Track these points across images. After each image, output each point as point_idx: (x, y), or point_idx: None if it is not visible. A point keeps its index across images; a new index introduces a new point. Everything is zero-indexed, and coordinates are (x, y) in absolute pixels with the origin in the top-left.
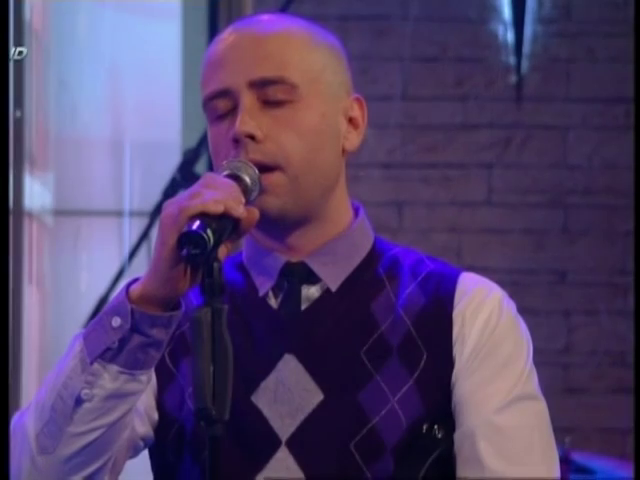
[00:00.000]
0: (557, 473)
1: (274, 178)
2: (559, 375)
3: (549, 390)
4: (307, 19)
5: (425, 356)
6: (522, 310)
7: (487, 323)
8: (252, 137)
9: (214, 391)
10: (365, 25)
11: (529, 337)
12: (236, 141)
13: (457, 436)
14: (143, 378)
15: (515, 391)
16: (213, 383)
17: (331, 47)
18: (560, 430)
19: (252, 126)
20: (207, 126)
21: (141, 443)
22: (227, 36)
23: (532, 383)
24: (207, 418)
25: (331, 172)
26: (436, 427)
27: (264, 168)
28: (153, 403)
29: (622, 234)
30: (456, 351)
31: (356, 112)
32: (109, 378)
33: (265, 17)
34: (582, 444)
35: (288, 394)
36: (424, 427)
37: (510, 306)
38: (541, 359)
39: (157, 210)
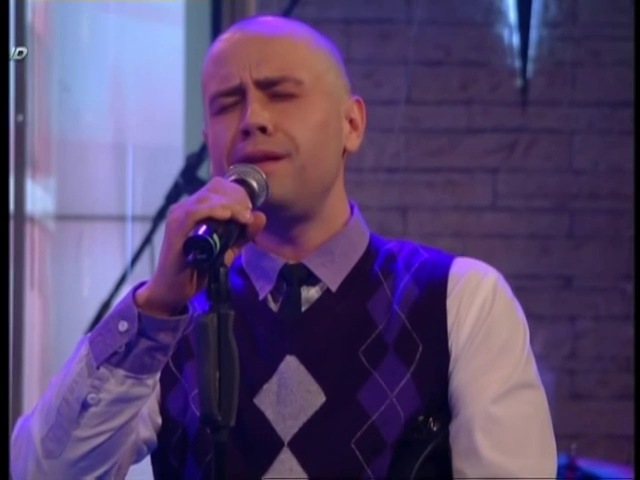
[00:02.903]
0: (554, 464)
1: (280, 166)
2: (565, 381)
3: (555, 396)
4: (310, 22)
5: (421, 348)
6: (527, 316)
7: (482, 309)
8: (263, 129)
9: (220, 397)
10: (369, 29)
11: (526, 321)
12: (246, 133)
13: (453, 426)
14: (149, 382)
15: (512, 379)
16: (219, 389)
17: (331, 51)
18: (566, 436)
19: (263, 117)
20: (206, 121)
21: (145, 448)
22: (232, 35)
23: (530, 370)
24: (213, 424)
25: (333, 169)
26: (431, 420)
27: (272, 157)
28: (156, 407)
29: (628, 239)
30: (452, 341)
31: (356, 114)
32: (115, 382)
33: (269, 18)
34: (588, 451)
35: (290, 396)
36: (419, 418)
37: (505, 289)
38: (547, 365)
39: (160, 215)
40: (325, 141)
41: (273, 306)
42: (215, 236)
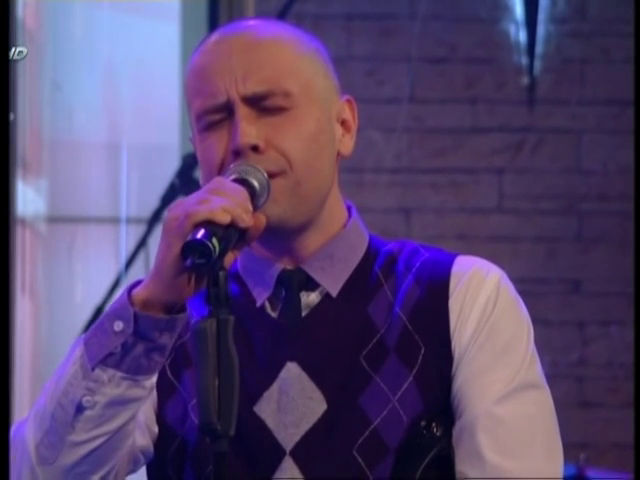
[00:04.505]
0: (560, 467)
1: (274, 184)
2: (573, 389)
3: (563, 404)
4: (310, 19)
5: (423, 350)
6: (534, 321)
7: (485, 307)
8: (254, 148)
9: (219, 405)
10: (371, 25)
11: (530, 320)
12: (237, 153)
13: (456, 428)
14: (146, 384)
15: (516, 379)
16: (218, 397)
17: (318, 52)
18: (574, 446)
19: (254, 136)
20: (193, 135)
21: (141, 456)
22: (214, 45)
23: (535, 370)
24: (212, 433)
25: (328, 178)
26: (434, 424)
27: (267, 175)
28: (153, 416)
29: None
30: (455, 342)
31: (348, 114)
32: (111, 384)
33: (251, 22)
34: (597, 460)
35: (292, 403)
36: (422, 423)
37: (508, 287)
38: (554, 372)
39: (155, 217)
40: (319, 152)
41: (271, 312)
42: (214, 240)
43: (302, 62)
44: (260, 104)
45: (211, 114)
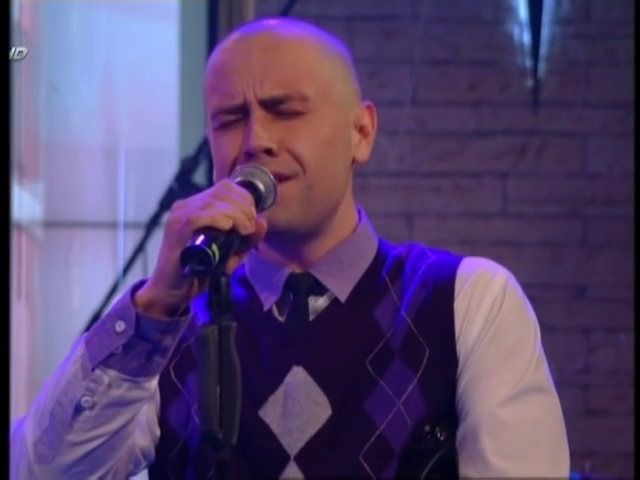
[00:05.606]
0: (565, 472)
1: (286, 187)
2: (578, 396)
3: (568, 412)
4: (311, 20)
5: (427, 352)
6: (539, 327)
7: (491, 309)
8: (268, 151)
9: (221, 413)
10: (373, 26)
11: (537, 323)
12: (250, 155)
13: (460, 430)
14: (147, 385)
15: (522, 382)
16: (220, 404)
17: (340, 55)
18: (580, 454)
19: (267, 139)
20: (209, 132)
21: (141, 457)
22: (234, 43)
23: (542, 373)
24: (214, 442)
25: (341, 185)
26: (438, 429)
27: (278, 178)
28: (155, 418)
29: None
30: (460, 344)
31: (366, 120)
32: (111, 385)
33: (272, 22)
34: (603, 469)
35: (297, 407)
36: (426, 428)
37: (516, 289)
38: (559, 379)
39: (153, 221)
40: (333, 157)
41: (278, 317)
42: (214, 246)
43: (322, 65)
44: (276, 108)
45: (226, 114)
